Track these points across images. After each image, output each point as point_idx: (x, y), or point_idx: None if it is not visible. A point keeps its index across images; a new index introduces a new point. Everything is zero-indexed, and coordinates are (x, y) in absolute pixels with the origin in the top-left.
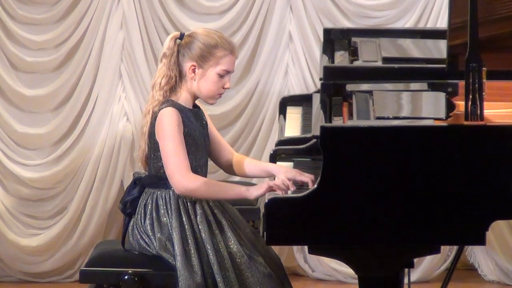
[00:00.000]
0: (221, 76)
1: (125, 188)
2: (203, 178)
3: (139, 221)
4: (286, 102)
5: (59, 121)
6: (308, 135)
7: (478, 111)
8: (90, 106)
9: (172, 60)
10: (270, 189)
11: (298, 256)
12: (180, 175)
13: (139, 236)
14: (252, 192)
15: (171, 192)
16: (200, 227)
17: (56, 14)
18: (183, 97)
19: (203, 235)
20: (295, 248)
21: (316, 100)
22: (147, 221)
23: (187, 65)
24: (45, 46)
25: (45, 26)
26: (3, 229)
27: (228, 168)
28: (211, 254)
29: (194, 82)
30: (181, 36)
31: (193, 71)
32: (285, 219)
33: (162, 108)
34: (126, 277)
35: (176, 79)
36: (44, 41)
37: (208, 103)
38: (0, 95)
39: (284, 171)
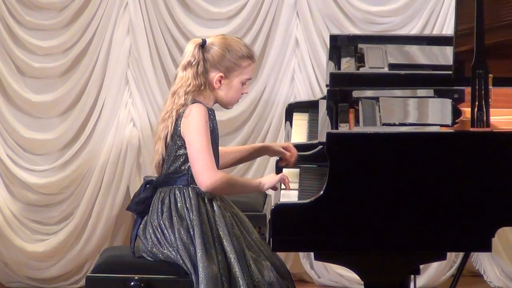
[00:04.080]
0: (243, 83)
1: (131, 194)
2: (226, 176)
3: (155, 217)
4: (292, 108)
5: (66, 127)
6: (315, 142)
7: (484, 118)
8: (96, 112)
9: (200, 69)
10: (281, 181)
11: (304, 262)
12: (207, 173)
13: (152, 233)
14: (264, 185)
15: (190, 189)
16: (217, 223)
17: (63, 20)
18: (207, 101)
19: (221, 232)
20: (301, 254)
21: (323, 107)
22: (165, 215)
23: (213, 75)
24: (52, 51)
25: (52, 32)
26: (9, 234)
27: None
28: (229, 250)
29: (220, 92)
30: (204, 43)
31: (219, 81)
32: (291, 226)
33: (193, 103)
34: (132, 283)
35: (204, 86)
36: (51, 46)
37: (227, 108)
38: (7, 100)
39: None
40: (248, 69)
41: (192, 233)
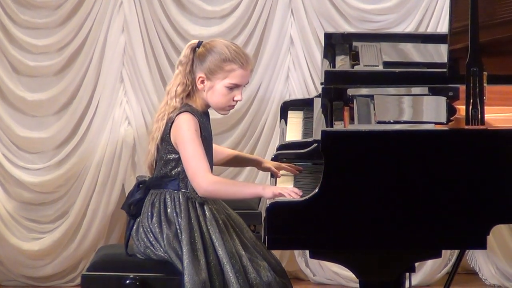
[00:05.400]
0: (230, 88)
1: (126, 192)
2: (221, 179)
3: (146, 220)
4: (287, 107)
5: (61, 125)
6: (309, 140)
7: (479, 116)
8: (91, 110)
9: (188, 69)
10: (284, 193)
11: (300, 260)
12: (201, 178)
13: (144, 235)
14: (269, 191)
15: (180, 194)
16: (209, 228)
17: (58, 19)
18: (198, 103)
19: (213, 236)
20: (296, 252)
21: (317, 105)
22: (154, 219)
23: (197, 76)
24: (47, 50)
25: (47, 31)
26: (5, 233)
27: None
28: (222, 254)
29: (203, 93)
30: (198, 45)
31: (202, 82)
32: (287, 224)
33: (180, 113)
34: (127, 281)
35: (192, 86)
36: (46, 45)
37: (219, 113)
38: (2, 99)
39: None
40: (233, 74)
41: (180, 237)
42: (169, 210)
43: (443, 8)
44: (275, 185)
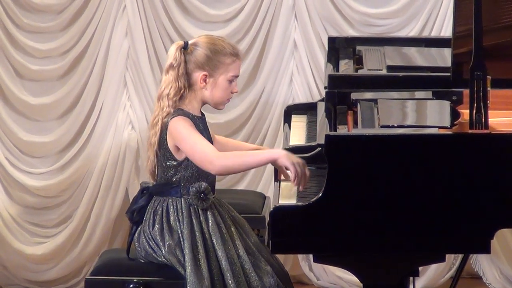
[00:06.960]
0: (230, 82)
1: (130, 197)
2: (232, 152)
3: (147, 228)
4: (291, 111)
5: (64, 130)
6: (313, 144)
7: (483, 120)
8: (95, 114)
9: (180, 71)
10: (295, 168)
11: (303, 264)
12: (211, 157)
13: (146, 242)
14: (281, 154)
15: (182, 200)
16: (212, 234)
17: (61, 23)
18: (191, 106)
19: (215, 242)
20: (300, 256)
21: (321, 109)
22: (156, 227)
23: (197, 75)
24: (50, 54)
25: (50, 35)
26: (8, 237)
27: None
28: (223, 261)
29: (205, 91)
30: (186, 45)
31: (204, 80)
32: (290, 228)
33: (173, 117)
34: (131, 285)
35: (185, 89)
36: (49, 49)
37: (218, 109)
38: (5, 103)
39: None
40: (232, 66)
41: (183, 245)
42: (171, 218)
43: (446, 12)
44: (279, 189)
